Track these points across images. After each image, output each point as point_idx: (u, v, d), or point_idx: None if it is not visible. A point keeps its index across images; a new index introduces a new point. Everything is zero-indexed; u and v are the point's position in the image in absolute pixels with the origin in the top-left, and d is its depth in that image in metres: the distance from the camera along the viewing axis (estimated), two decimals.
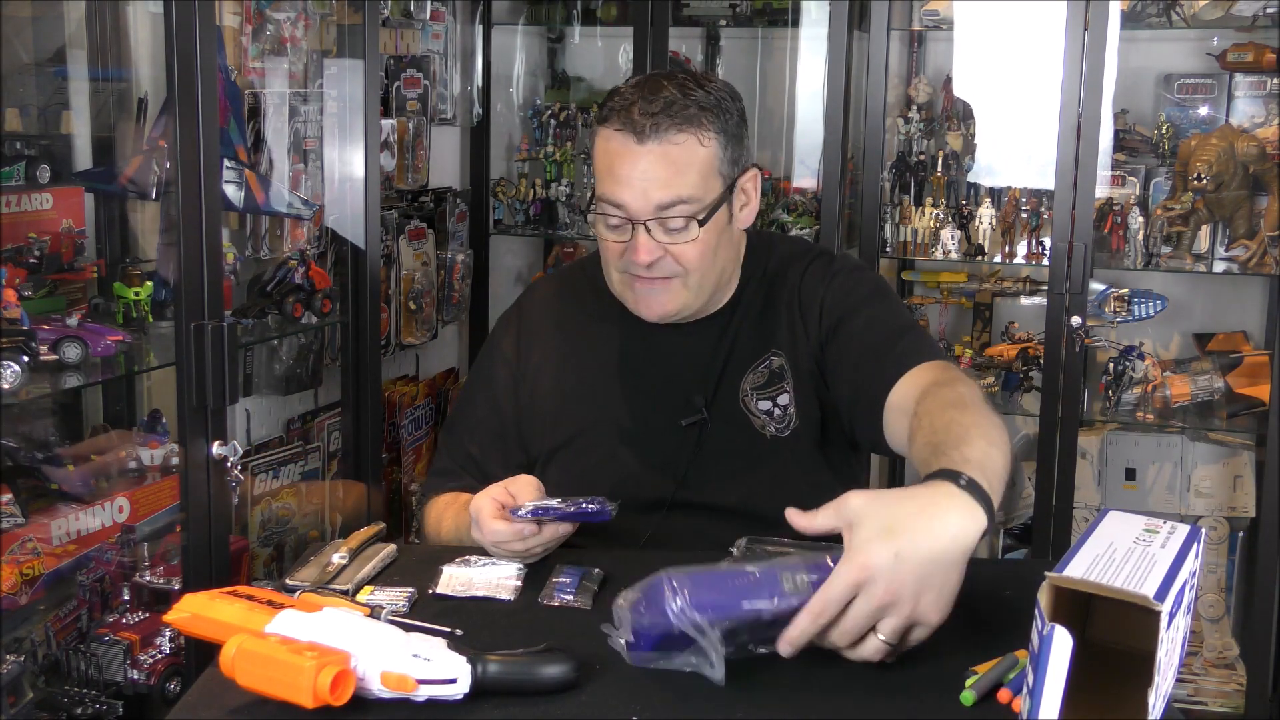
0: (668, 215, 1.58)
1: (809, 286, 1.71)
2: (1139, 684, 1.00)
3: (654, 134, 1.56)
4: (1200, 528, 1.14)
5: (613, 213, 1.60)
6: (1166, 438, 2.98)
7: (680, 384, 1.69)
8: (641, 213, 1.57)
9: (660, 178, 1.57)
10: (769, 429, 1.67)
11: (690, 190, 1.57)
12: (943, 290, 3.20)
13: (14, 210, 1.91)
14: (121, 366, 1.95)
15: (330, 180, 2.44)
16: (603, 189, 1.61)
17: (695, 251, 1.60)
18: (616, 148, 1.58)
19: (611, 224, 1.61)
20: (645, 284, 1.63)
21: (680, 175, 1.57)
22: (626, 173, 1.57)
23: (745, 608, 1.16)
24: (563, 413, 1.73)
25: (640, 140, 1.56)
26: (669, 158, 1.56)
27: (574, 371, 1.73)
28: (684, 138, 1.57)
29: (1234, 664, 2.89)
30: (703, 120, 1.58)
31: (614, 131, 1.58)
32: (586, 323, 1.78)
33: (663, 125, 1.56)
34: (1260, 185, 2.79)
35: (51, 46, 2.08)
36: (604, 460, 1.69)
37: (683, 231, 1.59)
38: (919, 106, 3.08)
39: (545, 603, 1.37)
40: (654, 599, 1.16)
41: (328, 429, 2.69)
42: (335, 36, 2.45)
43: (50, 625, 1.91)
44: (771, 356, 1.69)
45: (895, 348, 1.60)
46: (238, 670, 1.09)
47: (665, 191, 1.57)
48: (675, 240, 1.59)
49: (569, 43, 3.48)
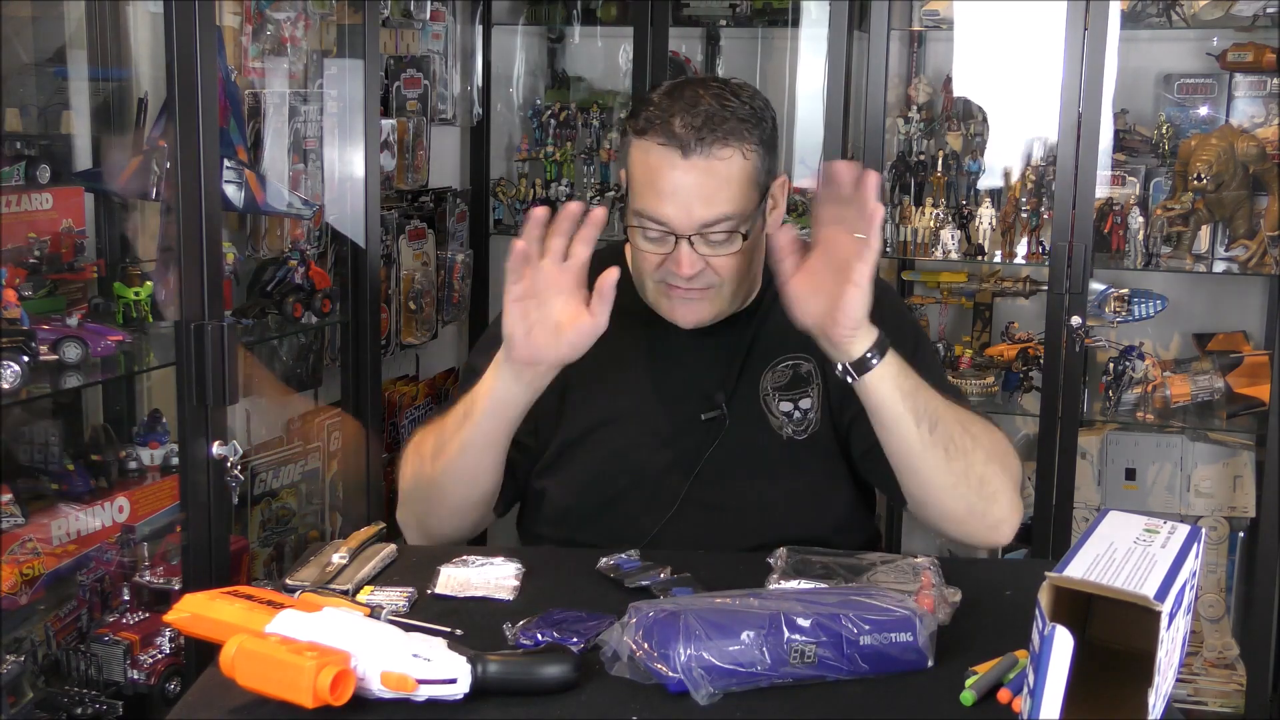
0: (711, 230, 1.55)
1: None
2: (1139, 684, 1.00)
3: (699, 149, 1.52)
4: (1200, 528, 1.14)
5: (654, 227, 1.57)
6: (1166, 438, 2.98)
7: (700, 380, 1.68)
8: (686, 229, 1.54)
9: (704, 194, 1.54)
10: (786, 430, 1.66)
11: (734, 206, 1.55)
12: (943, 290, 3.20)
13: (14, 210, 1.91)
14: (121, 366, 1.95)
15: (330, 180, 2.44)
16: (643, 203, 1.57)
17: (734, 263, 1.58)
18: (658, 162, 1.54)
19: (651, 236, 1.58)
20: (682, 293, 1.61)
21: (724, 190, 1.54)
22: (670, 188, 1.54)
23: (746, 676, 1.16)
24: (579, 404, 1.71)
25: (685, 154, 1.52)
26: (713, 172, 1.53)
27: (592, 365, 1.72)
28: (728, 152, 1.53)
29: (1234, 664, 2.89)
30: (744, 133, 1.55)
31: (655, 145, 1.54)
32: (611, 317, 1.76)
33: (707, 140, 1.52)
34: (1260, 185, 2.79)
35: (51, 46, 2.08)
36: (619, 453, 1.68)
37: (725, 244, 1.57)
38: (919, 106, 3.08)
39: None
40: (665, 636, 1.15)
41: (328, 429, 2.69)
42: (335, 36, 2.45)
43: (50, 625, 1.91)
44: (801, 360, 1.68)
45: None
46: (238, 670, 1.09)
47: (710, 209, 1.54)
48: (717, 252, 1.57)
49: (569, 43, 3.47)
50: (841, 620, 1.18)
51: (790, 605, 1.19)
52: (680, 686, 1.14)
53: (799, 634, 1.16)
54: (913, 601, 1.24)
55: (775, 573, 1.38)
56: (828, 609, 1.19)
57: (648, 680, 1.15)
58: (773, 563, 1.41)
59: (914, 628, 1.19)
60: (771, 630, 1.16)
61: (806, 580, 1.34)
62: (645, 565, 1.45)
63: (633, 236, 1.61)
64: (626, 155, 1.61)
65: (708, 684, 1.13)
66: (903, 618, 1.19)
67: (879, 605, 1.20)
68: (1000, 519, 1.56)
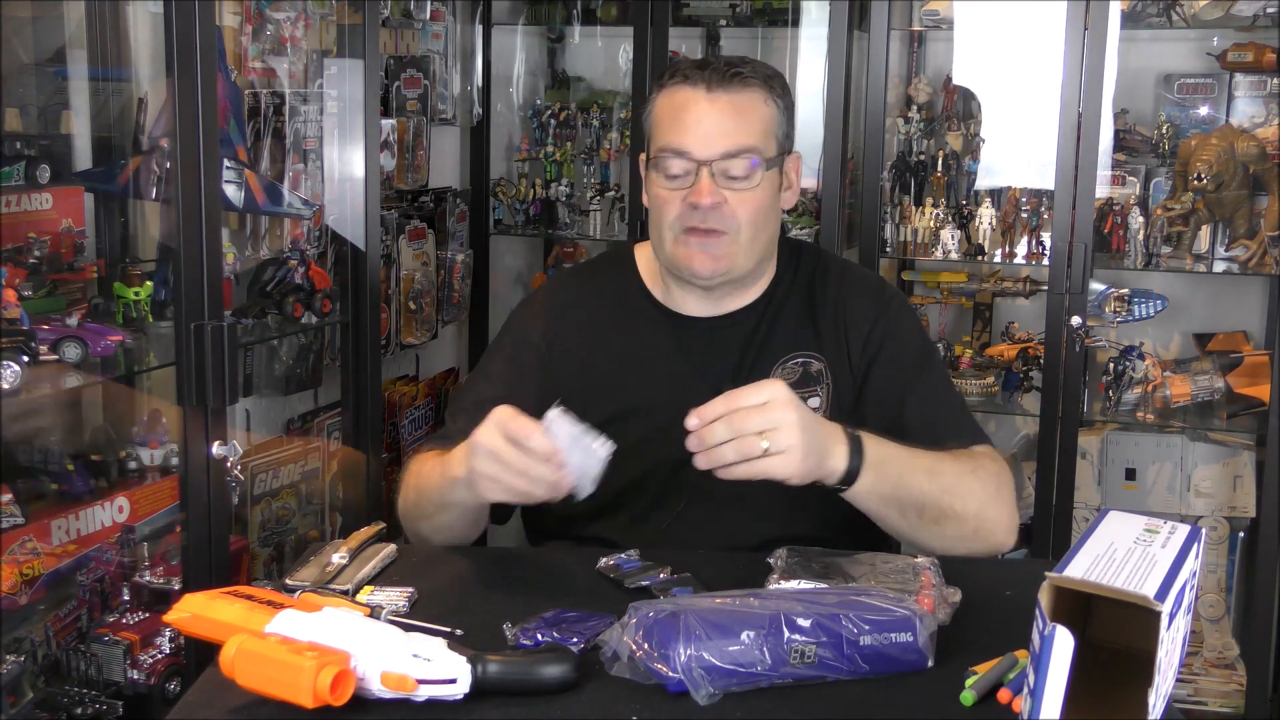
0: (732, 161, 1.60)
1: (857, 308, 1.72)
2: (1139, 684, 1.00)
3: (722, 85, 1.60)
4: (1200, 528, 1.14)
5: (675, 161, 1.61)
6: (1166, 438, 2.97)
7: (709, 375, 1.68)
8: (707, 155, 1.60)
9: (727, 125, 1.60)
10: None
11: (756, 140, 1.61)
12: (943, 290, 3.20)
13: (14, 210, 1.91)
14: (121, 366, 1.95)
15: (330, 180, 2.44)
16: (665, 139, 1.63)
17: (752, 205, 1.62)
18: (683, 100, 1.61)
19: (673, 173, 1.62)
20: (700, 238, 1.63)
21: (747, 123, 1.61)
22: (693, 120, 1.60)
23: (746, 676, 1.16)
24: (589, 402, 1.71)
25: (710, 89, 1.60)
26: (737, 106, 1.61)
27: (603, 362, 1.73)
28: (751, 92, 1.62)
29: (1234, 664, 2.89)
30: (767, 84, 1.64)
31: (680, 85, 1.62)
32: (616, 314, 1.76)
33: (732, 81, 1.61)
34: (1260, 185, 2.79)
35: (51, 46, 2.08)
36: (629, 451, 1.68)
37: (744, 180, 1.61)
38: (919, 106, 3.08)
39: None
40: (665, 636, 1.15)
41: (328, 429, 2.69)
42: (335, 36, 2.45)
43: (50, 625, 1.91)
44: (811, 359, 1.69)
45: (945, 435, 1.63)
46: (238, 670, 1.09)
47: (731, 139, 1.60)
48: (736, 188, 1.61)
49: (569, 43, 3.48)
50: (841, 620, 1.18)
51: (790, 605, 1.19)
52: (680, 686, 1.14)
53: (799, 634, 1.16)
54: (913, 601, 1.24)
55: (775, 573, 1.38)
56: (828, 609, 1.19)
57: (648, 680, 1.15)
58: (773, 563, 1.41)
59: (914, 628, 1.19)
60: (771, 630, 1.16)
61: (806, 580, 1.34)
62: (645, 565, 1.45)
63: (652, 185, 1.65)
64: (649, 113, 1.68)
65: (708, 684, 1.13)
66: (903, 618, 1.19)
67: (879, 605, 1.20)
68: (1000, 542, 1.58)
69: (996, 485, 1.58)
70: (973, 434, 1.68)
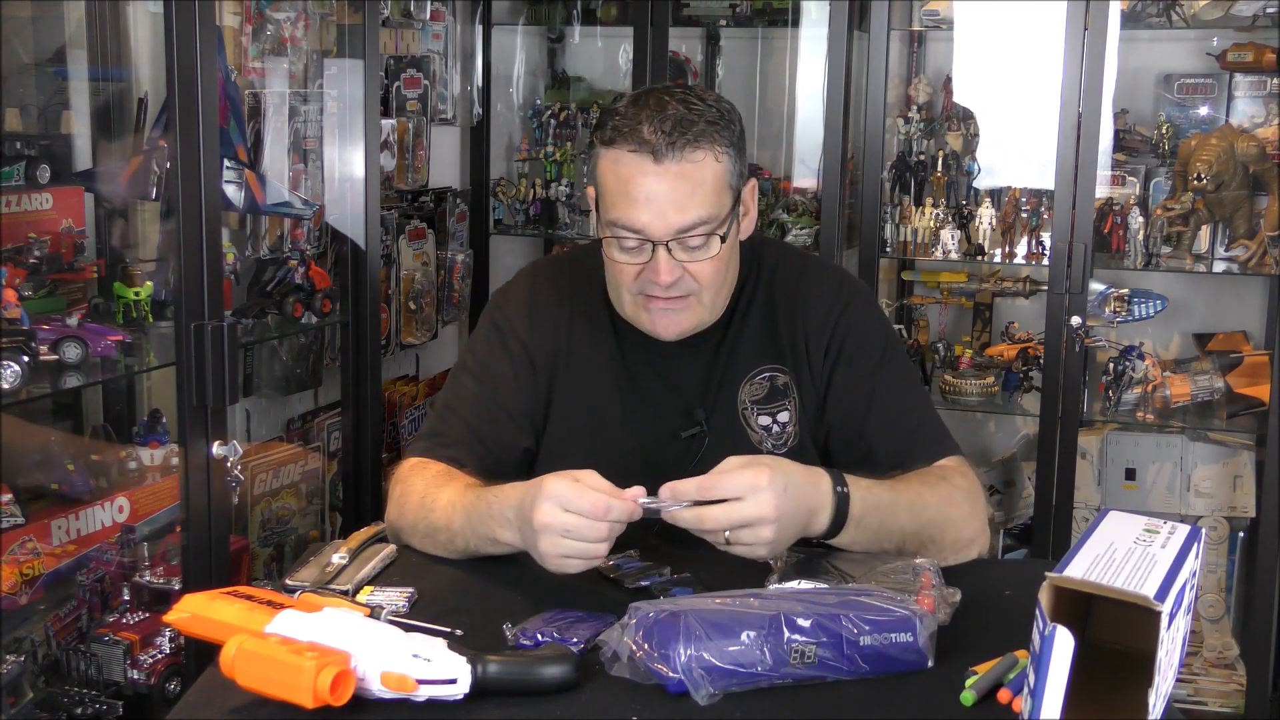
0: (688, 235, 1.53)
1: (815, 310, 1.67)
2: (1139, 684, 1.00)
3: (670, 153, 1.50)
4: (1200, 528, 1.14)
5: (630, 236, 1.54)
6: (1166, 438, 2.97)
7: (680, 395, 1.66)
8: (662, 234, 1.52)
9: (679, 198, 1.51)
10: (765, 445, 1.65)
11: (709, 209, 1.53)
12: (943, 290, 3.20)
13: (14, 210, 1.91)
14: (121, 366, 1.95)
15: (330, 180, 2.45)
16: (616, 213, 1.54)
17: (712, 268, 1.56)
18: (630, 171, 1.51)
19: (628, 246, 1.55)
20: (662, 305, 1.58)
21: (698, 193, 1.52)
22: (644, 194, 1.51)
23: (747, 676, 1.16)
24: (558, 423, 1.69)
25: (657, 160, 1.50)
26: (686, 176, 1.51)
27: (570, 380, 1.69)
28: (700, 155, 1.52)
29: (1234, 664, 2.89)
30: (714, 135, 1.53)
31: (625, 153, 1.51)
32: (588, 327, 1.71)
33: (678, 144, 1.50)
34: (1260, 185, 2.79)
35: (51, 46, 2.08)
36: (607, 466, 1.67)
37: (702, 249, 1.55)
38: (919, 106, 3.08)
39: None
40: (665, 636, 1.15)
41: (328, 429, 2.69)
42: (335, 36, 2.45)
43: (50, 625, 1.92)
44: (776, 372, 1.66)
45: (913, 447, 1.61)
46: (238, 670, 1.09)
47: (684, 213, 1.52)
48: (694, 258, 1.55)
49: (569, 43, 3.48)
50: (841, 620, 1.18)
51: (790, 605, 1.19)
52: (680, 687, 1.14)
53: (799, 634, 1.16)
54: (913, 601, 1.24)
55: (775, 573, 1.38)
56: (828, 609, 1.19)
57: (648, 680, 1.15)
58: (773, 563, 1.41)
59: (914, 628, 1.19)
60: (772, 630, 1.16)
61: (806, 580, 1.34)
62: (645, 565, 1.45)
63: (608, 249, 1.58)
64: (595, 168, 1.59)
65: (708, 684, 1.13)
66: (903, 618, 1.19)
67: (879, 605, 1.20)
68: (972, 555, 1.55)
69: (970, 505, 1.55)
70: (940, 443, 1.64)
